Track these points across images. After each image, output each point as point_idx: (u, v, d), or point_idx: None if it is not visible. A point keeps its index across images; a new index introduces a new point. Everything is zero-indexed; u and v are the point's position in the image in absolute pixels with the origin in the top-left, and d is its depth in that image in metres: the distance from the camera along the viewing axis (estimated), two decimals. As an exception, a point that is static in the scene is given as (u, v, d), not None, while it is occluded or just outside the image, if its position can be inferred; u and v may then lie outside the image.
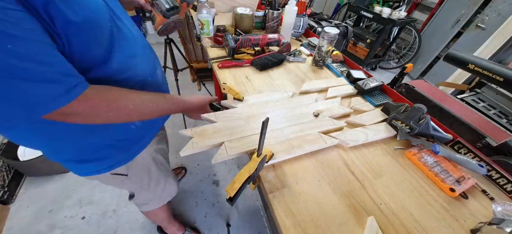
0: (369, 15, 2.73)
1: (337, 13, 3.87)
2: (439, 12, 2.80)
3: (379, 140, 0.65)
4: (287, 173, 0.53)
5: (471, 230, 0.47)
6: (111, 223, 1.26)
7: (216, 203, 1.42)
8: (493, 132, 0.80)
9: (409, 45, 3.08)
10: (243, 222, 1.34)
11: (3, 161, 1.33)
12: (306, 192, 0.50)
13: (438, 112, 0.92)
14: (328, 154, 0.59)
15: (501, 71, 0.71)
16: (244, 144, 0.55)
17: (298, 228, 0.43)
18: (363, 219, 0.46)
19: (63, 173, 1.46)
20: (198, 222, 1.32)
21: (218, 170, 1.61)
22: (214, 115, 0.62)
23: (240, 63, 0.92)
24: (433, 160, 0.59)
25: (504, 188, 0.57)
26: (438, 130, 0.66)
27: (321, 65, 0.98)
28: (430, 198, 0.52)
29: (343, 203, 0.49)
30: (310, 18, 1.58)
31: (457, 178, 0.55)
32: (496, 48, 2.05)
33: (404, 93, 1.05)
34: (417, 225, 0.47)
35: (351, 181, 0.53)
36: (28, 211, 1.27)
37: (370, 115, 0.72)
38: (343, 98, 0.80)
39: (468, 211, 0.51)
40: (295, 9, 1.04)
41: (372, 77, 0.86)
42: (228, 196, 0.43)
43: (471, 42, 2.42)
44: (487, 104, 1.13)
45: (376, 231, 0.44)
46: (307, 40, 1.21)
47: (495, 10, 2.26)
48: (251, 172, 0.44)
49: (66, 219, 1.26)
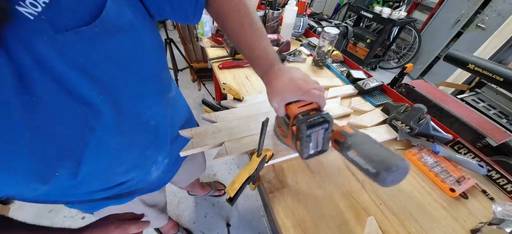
0: (369, 15, 2.73)
1: (337, 13, 3.87)
2: (439, 12, 2.80)
3: (380, 142, 0.65)
4: (287, 173, 0.53)
5: (471, 230, 0.47)
6: (111, 223, 1.26)
7: (216, 203, 1.42)
8: (493, 132, 0.80)
9: (409, 45, 3.08)
10: (243, 222, 1.34)
11: (3, 161, 1.33)
12: (306, 192, 0.50)
13: (438, 112, 0.92)
14: (328, 154, 0.59)
15: (501, 71, 0.71)
16: (244, 144, 0.55)
17: (298, 228, 0.43)
18: (363, 219, 0.46)
19: (63, 173, 1.46)
20: (198, 222, 1.32)
21: (218, 170, 1.61)
22: (215, 116, 0.62)
23: (241, 64, 0.92)
24: (433, 160, 0.59)
25: (504, 188, 0.57)
26: (438, 130, 0.66)
27: (321, 65, 0.98)
28: (430, 198, 0.52)
29: (343, 203, 0.49)
30: (310, 18, 1.58)
31: (457, 178, 0.55)
32: (496, 48, 2.05)
33: (404, 93, 1.05)
34: (417, 225, 0.47)
35: (351, 181, 0.53)
36: (28, 211, 1.27)
37: (371, 115, 0.72)
38: (343, 98, 0.80)
39: (468, 211, 0.51)
40: (295, 9, 1.04)
41: (372, 77, 0.86)
42: (228, 196, 0.43)
43: (471, 42, 2.42)
44: (487, 104, 1.12)
45: (376, 231, 0.44)
46: (307, 40, 1.21)
47: (495, 10, 2.26)
48: (251, 172, 0.44)
49: (66, 219, 1.26)
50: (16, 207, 1.27)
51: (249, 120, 0.63)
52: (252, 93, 0.77)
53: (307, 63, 1.02)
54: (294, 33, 1.19)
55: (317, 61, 0.98)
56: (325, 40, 0.90)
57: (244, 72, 0.90)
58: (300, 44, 1.18)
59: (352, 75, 0.88)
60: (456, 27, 2.62)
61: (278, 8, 1.15)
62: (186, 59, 1.86)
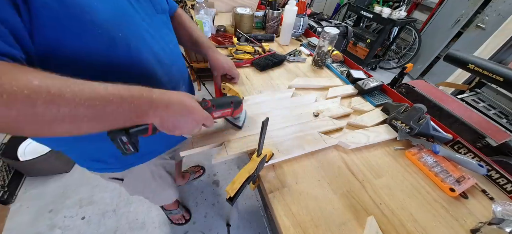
0: (369, 15, 2.72)
1: (337, 13, 3.87)
2: (439, 12, 2.80)
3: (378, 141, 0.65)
4: (287, 173, 0.53)
5: (471, 230, 0.47)
6: (111, 223, 1.26)
7: (216, 203, 1.42)
8: (493, 132, 0.80)
9: (409, 45, 3.08)
10: (243, 222, 1.34)
11: (3, 161, 1.33)
12: (306, 192, 0.50)
13: (438, 112, 0.92)
14: (328, 154, 0.59)
15: (501, 71, 0.71)
16: (244, 144, 0.56)
17: (298, 228, 0.43)
18: (363, 219, 0.46)
19: (63, 173, 1.46)
20: (198, 222, 1.32)
21: (218, 170, 1.61)
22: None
23: (241, 64, 0.92)
24: (433, 160, 0.59)
25: (504, 188, 0.57)
26: (438, 130, 0.66)
27: (321, 65, 0.98)
28: (430, 198, 0.52)
29: (343, 203, 0.49)
30: (310, 18, 1.58)
31: (457, 178, 0.55)
32: (496, 48, 2.05)
33: (404, 93, 1.05)
34: (417, 225, 0.47)
35: (351, 181, 0.53)
36: (28, 211, 1.27)
37: (371, 115, 0.72)
38: (343, 98, 0.80)
39: (468, 211, 0.51)
40: (295, 9, 1.03)
41: (372, 77, 0.86)
42: (228, 196, 0.43)
43: (471, 42, 2.42)
44: (487, 104, 1.12)
45: (376, 231, 0.44)
46: (307, 40, 1.21)
47: (495, 10, 2.26)
48: (251, 172, 0.44)
49: (66, 219, 1.26)
50: (16, 207, 1.27)
51: (249, 120, 0.63)
52: (252, 94, 0.77)
53: (307, 63, 1.02)
54: (294, 33, 1.19)
55: (317, 61, 0.98)
56: (325, 40, 0.90)
57: (244, 72, 0.90)
58: (300, 44, 1.18)
59: (352, 75, 0.88)
60: (456, 27, 2.62)
61: (278, 8, 1.15)
62: (186, 59, 1.85)
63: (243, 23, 1.14)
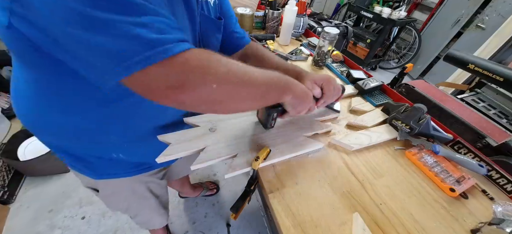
0: (369, 15, 2.73)
1: (337, 13, 3.87)
2: (439, 12, 2.81)
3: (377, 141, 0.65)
4: (287, 173, 0.53)
5: (471, 230, 0.47)
6: (111, 223, 1.26)
7: (216, 203, 1.42)
8: (493, 132, 0.80)
9: (409, 45, 3.09)
10: (243, 222, 1.34)
11: (3, 161, 1.33)
12: (306, 192, 0.50)
13: (438, 112, 0.92)
14: (328, 154, 0.59)
15: (501, 71, 0.71)
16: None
17: (298, 228, 0.43)
18: (363, 219, 0.46)
19: (63, 173, 1.46)
20: (198, 222, 1.32)
21: (218, 170, 1.61)
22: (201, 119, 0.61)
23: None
24: (433, 160, 0.59)
25: (504, 188, 0.57)
26: (438, 130, 0.66)
27: (321, 65, 0.98)
28: (430, 198, 0.52)
29: (343, 203, 0.49)
30: (310, 18, 1.58)
31: (457, 178, 0.55)
32: (496, 48, 2.05)
33: (404, 93, 1.05)
34: (417, 225, 0.47)
35: (351, 181, 0.53)
36: (28, 211, 1.27)
37: (371, 115, 0.72)
38: (343, 98, 0.79)
39: (468, 211, 0.51)
40: (295, 9, 1.04)
41: (372, 77, 0.86)
42: (254, 167, 0.48)
43: (471, 42, 2.42)
44: (487, 104, 1.12)
45: (363, 228, 0.43)
46: (307, 40, 1.21)
47: (495, 10, 2.26)
48: (267, 149, 0.51)
49: (66, 219, 1.26)
50: (16, 207, 1.27)
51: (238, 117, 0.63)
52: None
53: (307, 63, 1.02)
54: (294, 33, 1.19)
55: (317, 61, 0.98)
56: (325, 40, 0.90)
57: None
58: (300, 44, 1.18)
59: (352, 75, 0.87)
60: (456, 27, 2.62)
61: (278, 8, 1.15)
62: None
63: (243, 23, 1.14)
